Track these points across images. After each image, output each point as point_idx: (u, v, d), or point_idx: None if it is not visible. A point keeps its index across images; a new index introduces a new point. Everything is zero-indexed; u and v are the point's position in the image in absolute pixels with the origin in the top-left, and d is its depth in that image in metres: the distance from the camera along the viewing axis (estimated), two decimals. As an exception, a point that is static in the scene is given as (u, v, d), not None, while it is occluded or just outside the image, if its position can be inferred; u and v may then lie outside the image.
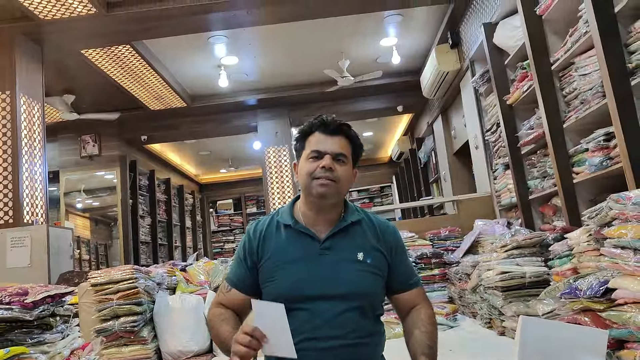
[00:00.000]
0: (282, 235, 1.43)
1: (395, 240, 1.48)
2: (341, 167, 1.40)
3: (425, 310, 1.44)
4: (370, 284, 1.38)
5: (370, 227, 1.47)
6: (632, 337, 1.60)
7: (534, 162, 3.87)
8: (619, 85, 2.54)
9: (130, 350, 3.08)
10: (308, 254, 1.38)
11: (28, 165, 4.67)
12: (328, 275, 1.34)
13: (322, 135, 1.42)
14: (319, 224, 1.43)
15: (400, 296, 1.46)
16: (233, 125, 7.99)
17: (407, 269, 1.48)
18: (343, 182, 1.40)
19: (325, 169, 1.37)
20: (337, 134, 1.43)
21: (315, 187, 1.37)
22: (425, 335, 1.35)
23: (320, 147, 1.40)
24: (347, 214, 1.46)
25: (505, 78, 4.17)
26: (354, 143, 1.46)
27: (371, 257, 1.40)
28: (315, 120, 1.45)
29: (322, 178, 1.37)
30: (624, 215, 1.76)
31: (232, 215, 12.28)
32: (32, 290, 1.58)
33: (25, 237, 4.28)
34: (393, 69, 6.96)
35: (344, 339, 1.30)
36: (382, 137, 10.60)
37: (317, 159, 1.40)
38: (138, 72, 6.06)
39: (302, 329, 1.29)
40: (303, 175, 1.41)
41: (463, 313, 3.83)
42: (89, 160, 7.78)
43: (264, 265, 1.40)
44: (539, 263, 2.92)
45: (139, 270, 3.28)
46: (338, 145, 1.41)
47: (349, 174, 1.44)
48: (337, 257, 1.38)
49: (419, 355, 1.30)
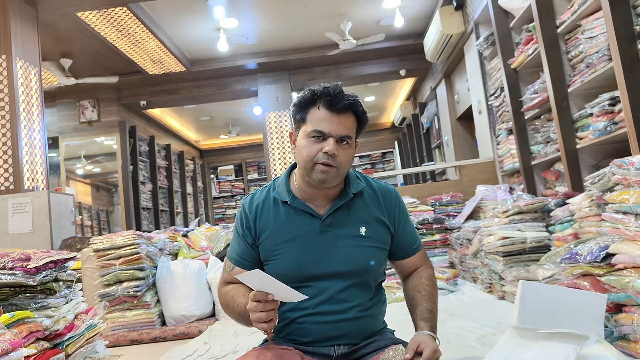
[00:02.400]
0: (280, 211, 1.36)
1: (397, 206, 1.43)
2: (344, 150, 1.29)
3: (426, 271, 1.44)
4: (372, 259, 1.35)
5: (372, 196, 1.41)
6: (630, 301, 1.61)
7: (537, 127, 3.84)
8: (625, 49, 2.50)
9: (133, 315, 3.12)
10: (308, 232, 1.33)
11: (27, 131, 4.64)
12: (330, 254, 1.31)
13: (328, 113, 1.28)
14: (318, 198, 1.36)
15: (403, 261, 1.45)
16: (233, 90, 7.92)
17: (410, 235, 1.45)
18: (344, 166, 1.31)
19: (327, 153, 1.26)
20: (345, 112, 1.30)
21: (317, 172, 1.28)
22: (425, 298, 1.36)
23: (324, 128, 1.27)
24: (349, 186, 1.38)
25: (510, 41, 4.10)
26: (361, 119, 1.34)
27: (374, 230, 1.36)
28: (322, 93, 1.30)
29: (323, 164, 1.27)
30: (626, 181, 1.75)
31: (233, 181, 12.30)
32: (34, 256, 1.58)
33: (26, 203, 4.29)
34: (396, 32, 6.84)
35: (347, 313, 1.30)
36: (385, 102, 10.51)
37: (319, 140, 1.28)
38: (136, 36, 5.95)
39: (304, 305, 1.29)
40: (302, 155, 1.30)
41: (463, 278, 3.87)
42: (88, 126, 7.74)
43: (263, 242, 1.36)
44: (540, 228, 2.93)
45: (141, 236, 3.30)
46: (344, 125, 1.29)
47: (352, 156, 1.33)
48: (338, 234, 1.33)
49: (418, 320, 1.31)
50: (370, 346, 1.31)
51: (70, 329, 1.60)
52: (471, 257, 3.56)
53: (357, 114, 1.33)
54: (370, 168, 11.90)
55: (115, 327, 3.10)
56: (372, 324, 1.36)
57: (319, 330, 1.30)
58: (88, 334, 1.69)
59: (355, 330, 1.32)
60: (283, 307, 1.33)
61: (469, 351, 1.98)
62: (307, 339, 1.31)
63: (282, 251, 1.33)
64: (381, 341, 1.32)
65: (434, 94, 7.63)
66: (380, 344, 1.31)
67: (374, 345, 1.31)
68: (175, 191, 9.66)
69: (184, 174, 10.30)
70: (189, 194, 10.54)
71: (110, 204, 8.10)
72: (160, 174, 9.13)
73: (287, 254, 1.33)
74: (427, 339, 1.21)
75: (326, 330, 1.30)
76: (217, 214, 12.15)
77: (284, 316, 1.34)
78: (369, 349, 1.31)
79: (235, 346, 2.45)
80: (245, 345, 2.40)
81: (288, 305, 1.32)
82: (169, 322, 3.20)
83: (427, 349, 1.16)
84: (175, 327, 3.10)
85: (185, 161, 10.46)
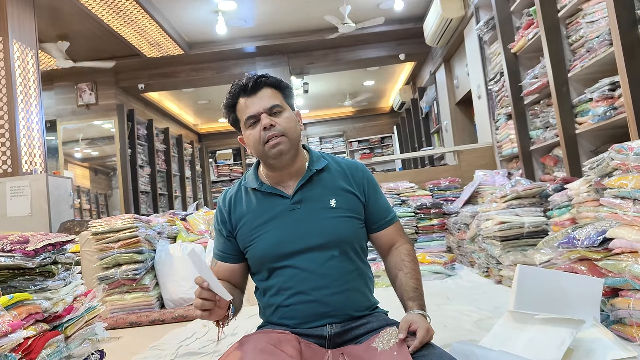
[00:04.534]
0: (251, 199, 1.41)
1: (366, 178, 1.45)
2: (280, 117, 1.35)
3: (404, 247, 1.44)
4: (347, 228, 1.37)
5: (339, 170, 1.44)
6: (627, 285, 1.62)
7: (536, 113, 3.83)
8: (626, 33, 2.49)
9: (132, 298, 3.14)
10: (280, 212, 1.36)
11: (24, 113, 4.62)
12: (304, 229, 1.33)
13: (247, 99, 1.37)
14: (285, 179, 1.40)
15: (378, 234, 1.45)
16: (231, 73, 7.86)
17: (382, 206, 1.46)
18: (290, 130, 1.35)
19: (266, 129, 1.33)
20: (259, 89, 1.37)
21: (269, 150, 1.33)
22: (408, 276, 1.36)
23: (251, 111, 1.35)
24: (312, 163, 1.42)
25: (511, 25, 4.07)
26: (279, 86, 1.40)
27: (344, 200, 1.38)
28: (233, 89, 1.39)
29: (270, 139, 1.32)
30: (625, 166, 1.75)
31: (231, 165, 12.29)
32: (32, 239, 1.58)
33: (24, 186, 4.28)
34: (395, 16, 6.78)
35: (331, 287, 1.31)
36: (384, 87, 10.46)
37: (255, 124, 1.35)
38: (133, 18, 5.89)
39: (288, 285, 1.31)
40: (253, 145, 1.36)
41: (461, 262, 3.89)
42: (86, 109, 7.70)
43: (240, 231, 1.39)
44: (538, 213, 2.94)
45: (139, 219, 3.30)
46: (266, 99, 1.36)
47: (293, 118, 1.38)
48: (309, 208, 1.36)
49: (406, 300, 1.32)
50: (364, 327, 1.31)
51: (69, 311, 1.61)
52: (469, 241, 3.57)
53: (271, 84, 1.39)
54: (369, 152, 11.88)
55: (114, 309, 3.12)
56: (360, 299, 1.36)
57: (306, 310, 1.31)
58: (87, 316, 1.69)
59: (343, 305, 1.32)
60: (268, 293, 1.36)
61: (465, 335, 1.99)
62: (297, 320, 1.31)
63: (258, 234, 1.36)
64: (375, 322, 1.32)
65: (434, 78, 7.59)
66: (374, 324, 1.31)
67: (367, 327, 1.31)
68: (173, 175, 9.65)
69: (183, 158, 10.28)
70: (188, 178, 10.54)
71: (108, 188, 8.09)
72: (159, 158, 9.11)
73: (262, 236, 1.35)
74: (418, 318, 1.21)
75: (314, 309, 1.30)
76: (215, 198, 12.15)
77: (270, 302, 1.36)
78: (362, 330, 1.31)
79: (234, 329, 2.47)
80: (243, 329, 2.42)
81: (271, 291, 1.35)
82: (167, 305, 3.22)
83: (421, 329, 1.17)
84: (174, 310, 3.12)
85: (183, 145, 10.43)
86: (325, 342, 1.30)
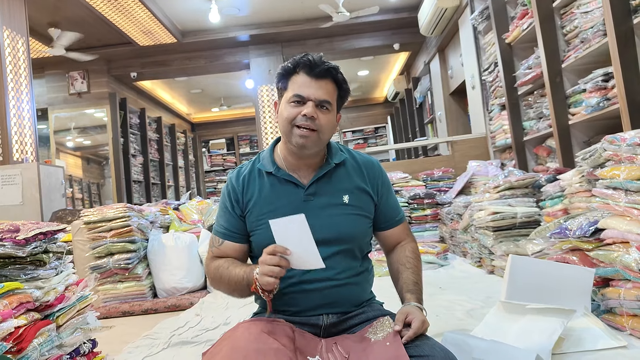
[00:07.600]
0: (265, 183, 1.38)
1: (380, 178, 1.45)
2: (324, 115, 1.31)
3: (409, 245, 1.45)
4: (357, 227, 1.37)
5: (355, 166, 1.42)
6: (618, 275, 1.63)
7: (530, 103, 3.83)
8: (621, 24, 2.48)
9: (125, 287, 3.14)
10: (293, 202, 1.34)
11: (15, 101, 4.57)
12: (314, 222, 1.28)
13: (307, 78, 1.32)
14: (302, 168, 1.37)
15: (386, 233, 1.46)
16: (225, 62, 7.81)
17: (393, 206, 1.47)
18: (325, 132, 1.32)
19: (306, 117, 1.28)
20: (324, 77, 1.32)
21: (295, 136, 1.30)
22: (410, 271, 1.37)
23: (303, 92, 1.30)
24: (331, 156, 1.40)
25: (505, 15, 4.06)
26: (341, 88, 1.36)
27: (357, 198, 1.38)
28: (302, 59, 1.34)
29: (302, 127, 1.29)
30: (617, 157, 1.75)
31: (225, 155, 12.24)
32: (23, 227, 1.57)
33: (16, 175, 4.25)
34: (390, 5, 6.75)
35: (333, 280, 1.31)
36: (378, 77, 10.43)
37: (299, 104, 1.31)
38: (126, 6, 5.83)
39: (290, 274, 1.29)
40: (283, 120, 1.32)
41: (454, 252, 3.91)
42: (78, 98, 7.63)
43: (250, 213, 1.37)
44: (531, 204, 2.95)
45: (132, 209, 3.29)
46: (324, 90, 1.31)
47: (332, 122, 1.35)
48: (322, 202, 1.35)
49: (405, 292, 1.33)
50: (359, 317, 1.32)
51: (60, 300, 1.60)
52: (461, 231, 3.58)
53: (336, 80, 1.35)
54: (363, 143, 11.87)
55: (106, 299, 3.12)
56: (359, 293, 1.37)
57: (306, 299, 1.31)
58: (79, 305, 1.69)
59: (342, 298, 1.32)
60: None
61: (457, 324, 2.01)
62: (295, 308, 1.32)
63: (266, 221, 1.30)
64: (370, 312, 1.33)
65: (428, 68, 7.57)
66: (369, 314, 1.32)
67: (362, 317, 1.32)
68: (166, 164, 9.61)
69: (175, 147, 10.23)
70: (180, 168, 10.50)
71: (101, 177, 8.05)
72: (152, 147, 9.06)
73: None
74: (414, 310, 1.22)
75: (314, 299, 1.31)
76: (208, 187, 12.12)
77: None
78: (357, 320, 1.32)
79: (227, 318, 2.47)
80: (236, 318, 2.42)
81: None
82: (160, 294, 3.22)
83: (416, 320, 1.17)
84: (167, 299, 3.12)
85: (176, 134, 10.38)
86: (320, 331, 1.31)
